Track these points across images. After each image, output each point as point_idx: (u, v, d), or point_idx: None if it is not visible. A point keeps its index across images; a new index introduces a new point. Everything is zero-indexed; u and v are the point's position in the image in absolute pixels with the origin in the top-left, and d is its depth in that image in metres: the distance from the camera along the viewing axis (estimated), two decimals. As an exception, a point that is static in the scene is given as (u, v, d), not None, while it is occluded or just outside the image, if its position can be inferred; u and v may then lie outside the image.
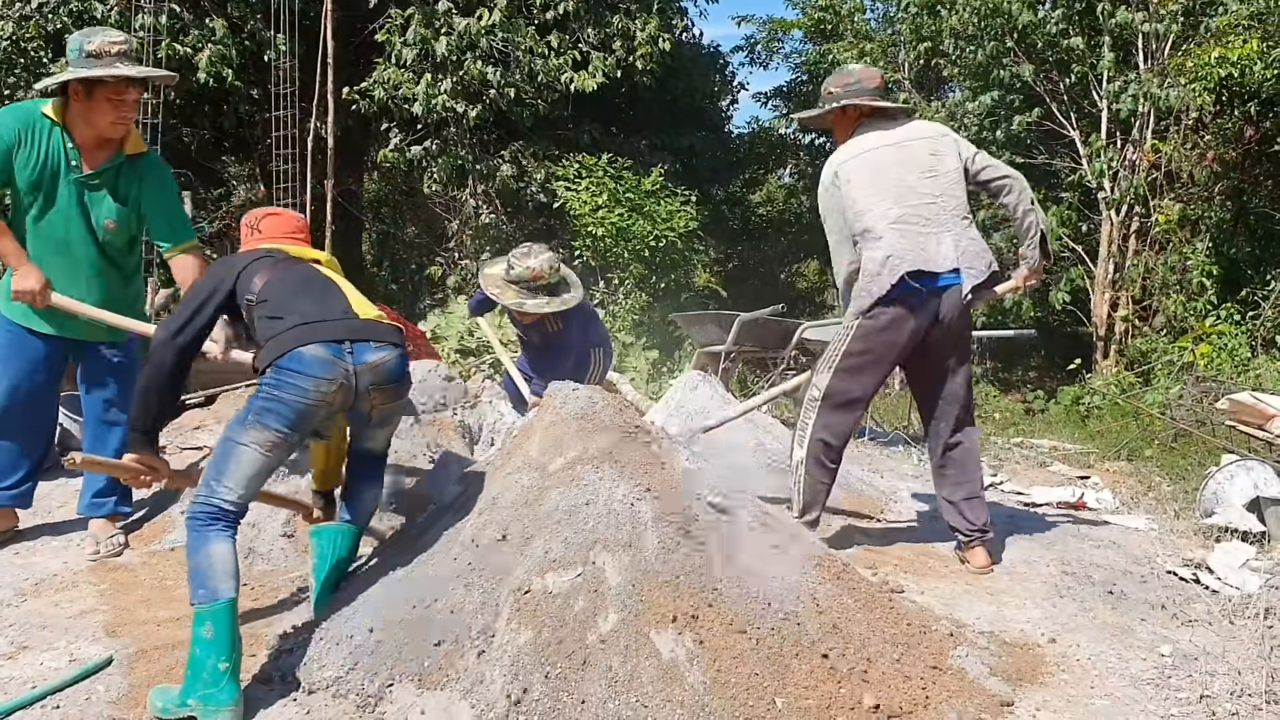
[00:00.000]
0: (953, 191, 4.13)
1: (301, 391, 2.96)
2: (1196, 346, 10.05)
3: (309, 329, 3.03)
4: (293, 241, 3.53)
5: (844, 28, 17.94)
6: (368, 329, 3.15)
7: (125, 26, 11.75)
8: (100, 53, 3.90)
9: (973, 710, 2.89)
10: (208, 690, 2.75)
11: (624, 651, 2.75)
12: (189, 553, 2.93)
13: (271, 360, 2.99)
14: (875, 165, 4.13)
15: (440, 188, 13.84)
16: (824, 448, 4.20)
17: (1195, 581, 4.19)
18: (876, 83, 4.33)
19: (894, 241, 4.00)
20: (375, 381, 3.12)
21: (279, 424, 2.97)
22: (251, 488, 3.03)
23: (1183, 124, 12.20)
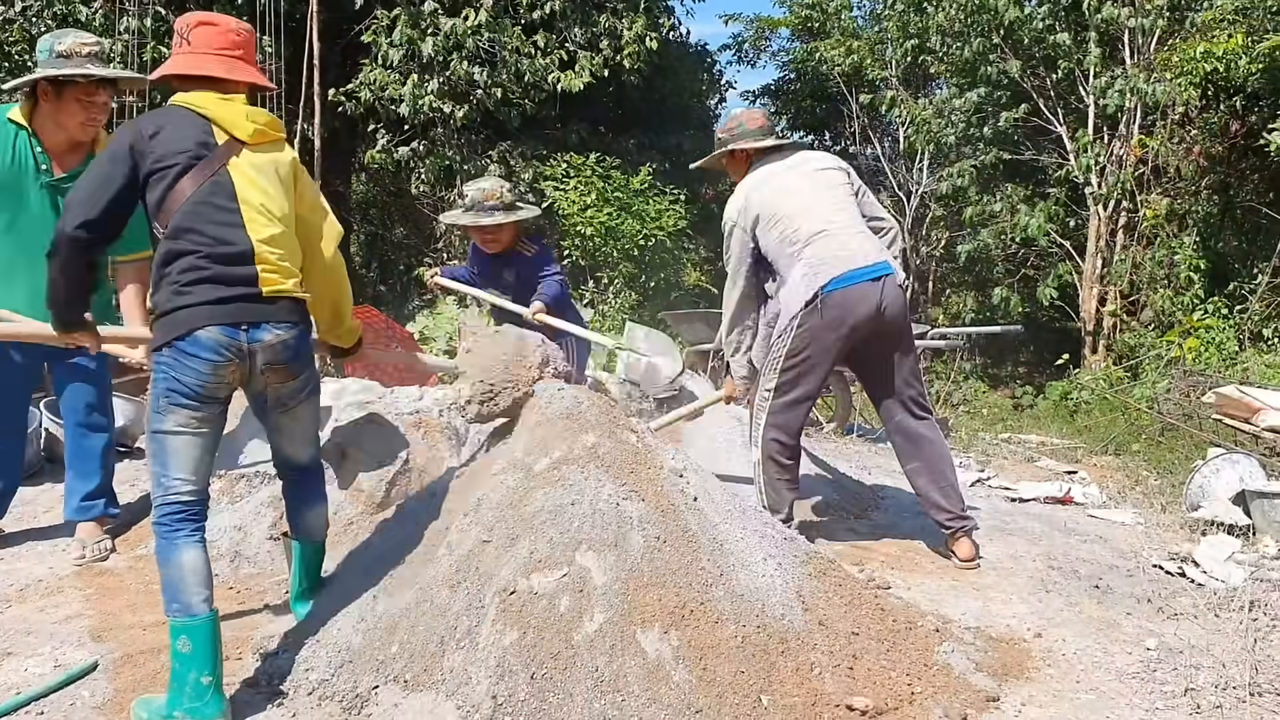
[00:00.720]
0: (846, 201, 4.34)
1: (198, 374, 2.86)
2: (1184, 341, 10.08)
3: (207, 310, 2.87)
4: (225, 61, 3.10)
5: (831, 25, 17.94)
6: (267, 310, 2.98)
7: (110, 30, 11.72)
8: (70, 53, 3.89)
9: (959, 706, 2.89)
10: (193, 704, 2.71)
11: (609, 651, 2.75)
12: (160, 563, 2.88)
13: (169, 339, 2.87)
14: (778, 188, 4.31)
15: (428, 188, 13.82)
16: (778, 446, 4.28)
17: (1181, 575, 4.20)
18: (760, 123, 4.53)
19: (813, 253, 4.14)
20: (270, 361, 3.00)
21: (189, 401, 2.87)
22: (201, 469, 2.94)
23: (1169, 119, 12.24)
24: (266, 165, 3.09)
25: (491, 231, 5.30)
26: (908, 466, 4.34)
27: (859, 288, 4.07)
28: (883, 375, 4.32)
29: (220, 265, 2.91)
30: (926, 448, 4.29)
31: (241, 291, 2.93)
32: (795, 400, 4.25)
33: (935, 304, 16.46)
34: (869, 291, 4.08)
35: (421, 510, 3.59)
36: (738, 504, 3.49)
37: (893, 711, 2.82)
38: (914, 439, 4.31)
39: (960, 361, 12.72)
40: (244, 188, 3.00)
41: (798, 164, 4.40)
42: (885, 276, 4.13)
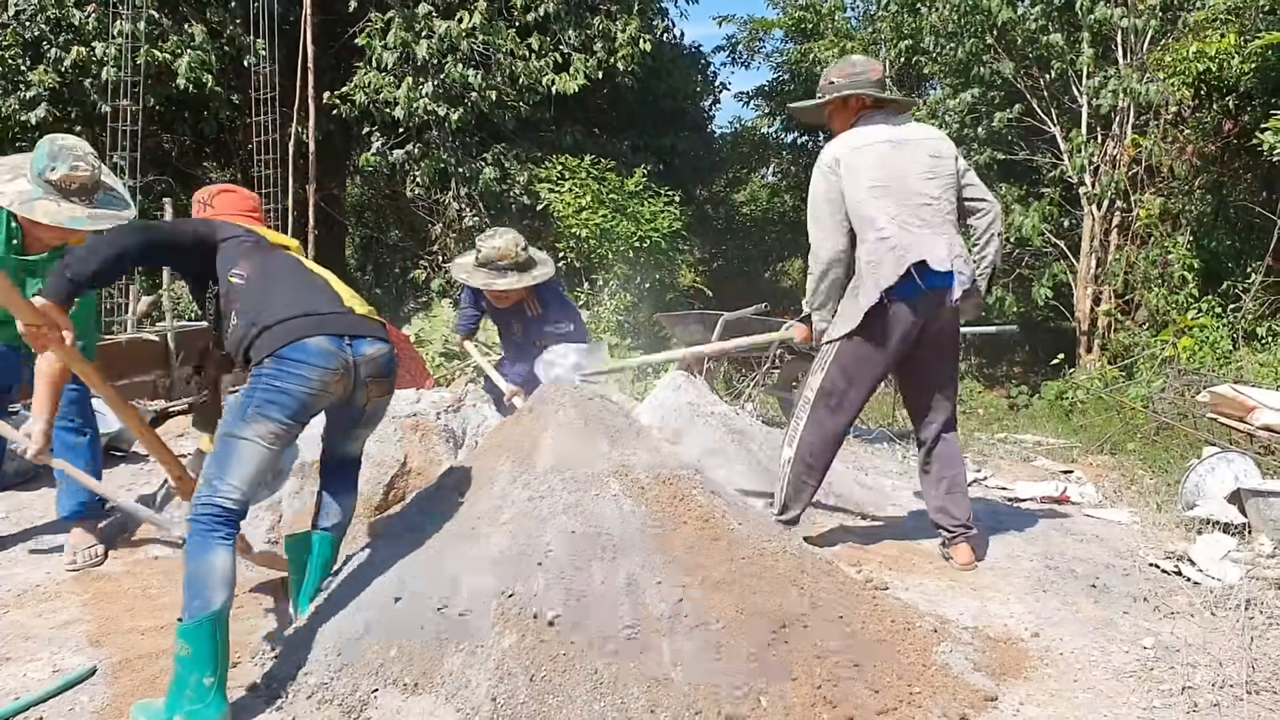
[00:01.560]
0: (948, 195, 4.11)
1: (306, 381, 2.94)
2: (1178, 340, 10.10)
3: (312, 321, 3.02)
4: (249, 220, 3.45)
5: (825, 26, 17.99)
6: (363, 325, 3.16)
7: (104, 33, 11.72)
8: (61, 185, 3.82)
9: (957, 705, 2.90)
10: (194, 706, 2.70)
11: (609, 653, 2.76)
12: (189, 557, 2.87)
13: (273, 350, 2.94)
14: (878, 159, 4.06)
15: (423, 191, 13.82)
16: (813, 449, 4.19)
17: (1177, 574, 4.21)
18: (879, 74, 4.27)
19: (898, 234, 3.95)
20: (372, 374, 3.15)
21: (282, 415, 2.93)
22: (254, 485, 2.97)
23: (1162, 118, 12.27)
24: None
25: (504, 298, 5.21)
26: (928, 471, 4.31)
27: (922, 293, 3.95)
28: (924, 381, 4.25)
29: (307, 292, 3.17)
30: (945, 454, 4.27)
31: (336, 309, 3.15)
32: (841, 404, 4.14)
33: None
34: (928, 299, 3.97)
35: (419, 513, 3.59)
36: (736, 504, 3.50)
37: (891, 712, 2.83)
38: (941, 448, 4.28)
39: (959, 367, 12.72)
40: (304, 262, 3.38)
41: (902, 139, 4.12)
42: (947, 289, 3.99)
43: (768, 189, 23.02)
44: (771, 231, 21.78)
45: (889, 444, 7.34)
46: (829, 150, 4.15)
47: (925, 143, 4.15)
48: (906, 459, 6.61)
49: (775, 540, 3.37)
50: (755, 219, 22.35)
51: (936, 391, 4.25)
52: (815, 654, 2.92)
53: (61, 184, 3.82)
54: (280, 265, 3.25)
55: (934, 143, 4.17)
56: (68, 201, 3.82)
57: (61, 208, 3.80)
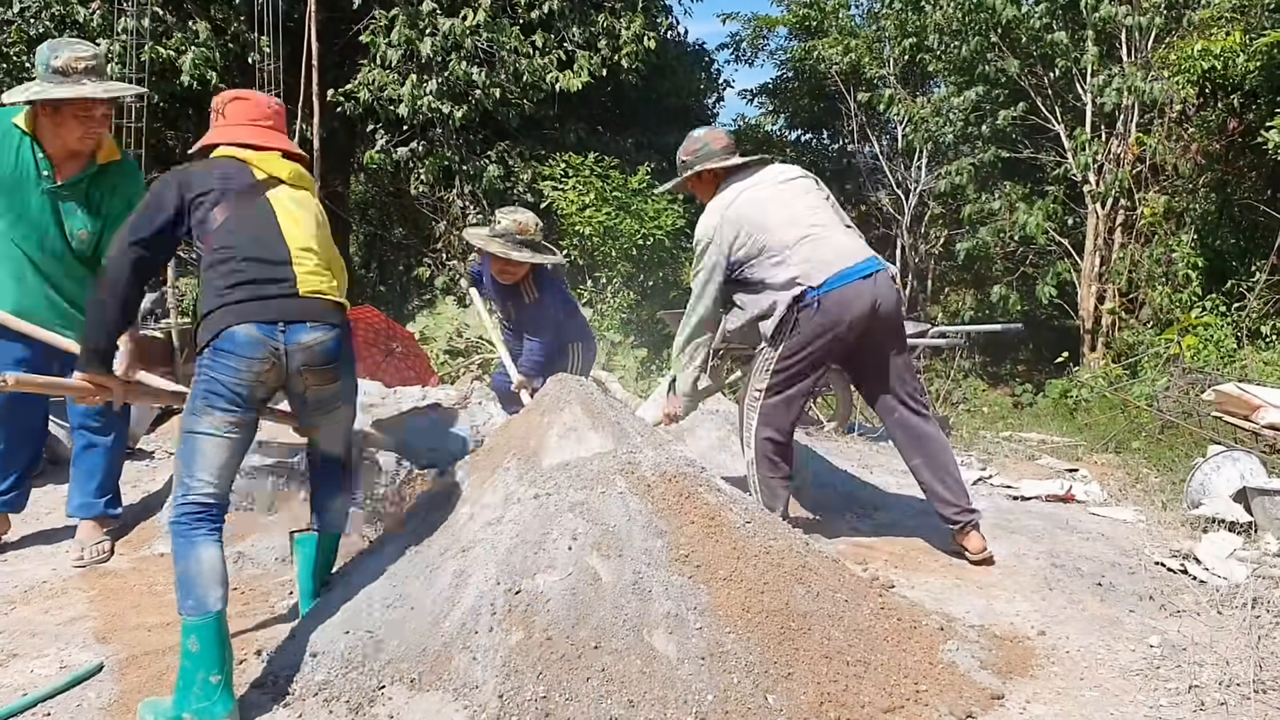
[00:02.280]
0: (823, 204, 4.34)
1: (235, 372, 2.92)
2: (1183, 338, 10.08)
3: (243, 308, 2.96)
4: (258, 131, 3.32)
5: (829, 24, 17.95)
6: (304, 309, 3.05)
7: (108, 30, 11.71)
8: (66, 69, 3.87)
9: (964, 703, 2.90)
10: (201, 704, 2.72)
11: (616, 651, 2.76)
12: (176, 559, 2.89)
13: (208, 341, 2.96)
14: (753, 201, 4.27)
15: (427, 189, 13.82)
16: (771, 445, 4.29)
17: (1183, 572, 4.21)
18: (724, 143, 4.49)
19: (799, 257, 4.12)
20: (307, 362, 3.05)
21: (225, 404, 2.93)
22: (227, 473, 2.98)
23: (1166, 117, 12.24)
24: (303, 199, 3.27)
25: (512, 264, 5.24)
26: (911, 462, 4.35)
27: (854, 285, 4.08)
28: (878, 372, 4.33)
29: (259, 267, 3.03)
30: (927, 443, 4.30)
31: (279, 290, 3.03)
32: (788, 399, 4.26)
33: (934, 302, 16.48)
34: (863, 289, 4.10)
35: (426, 511, 3.59)
36: (741, 501, 3.50)
37: (898, 710, 2.83)
38: (914, 434, 4.32)
39: (960, 360, 12.74)
40: (282, 211, 3.16)
41: (766, 178, 4.37)
42: (877, 272, 4.15)
43: (771, 187, 22.98)
44: (775, 229, 21.71)
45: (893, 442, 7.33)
46: (705, 221, 4.37)
47: (782, 171, 4.43)
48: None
49: (781, 538, 3.37)
50: (759, 217, 22.30)
51: (892, 377, 4.31)
52: (822, 652, 2.93)
53: (69, 68, 3.88)
54: (244, 227, 3.09)
55: (792, 171, 4.44)
56: (79, 85, 3.88)
57: (75, 88, 3.87)
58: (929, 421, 4.36)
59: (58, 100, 3.89)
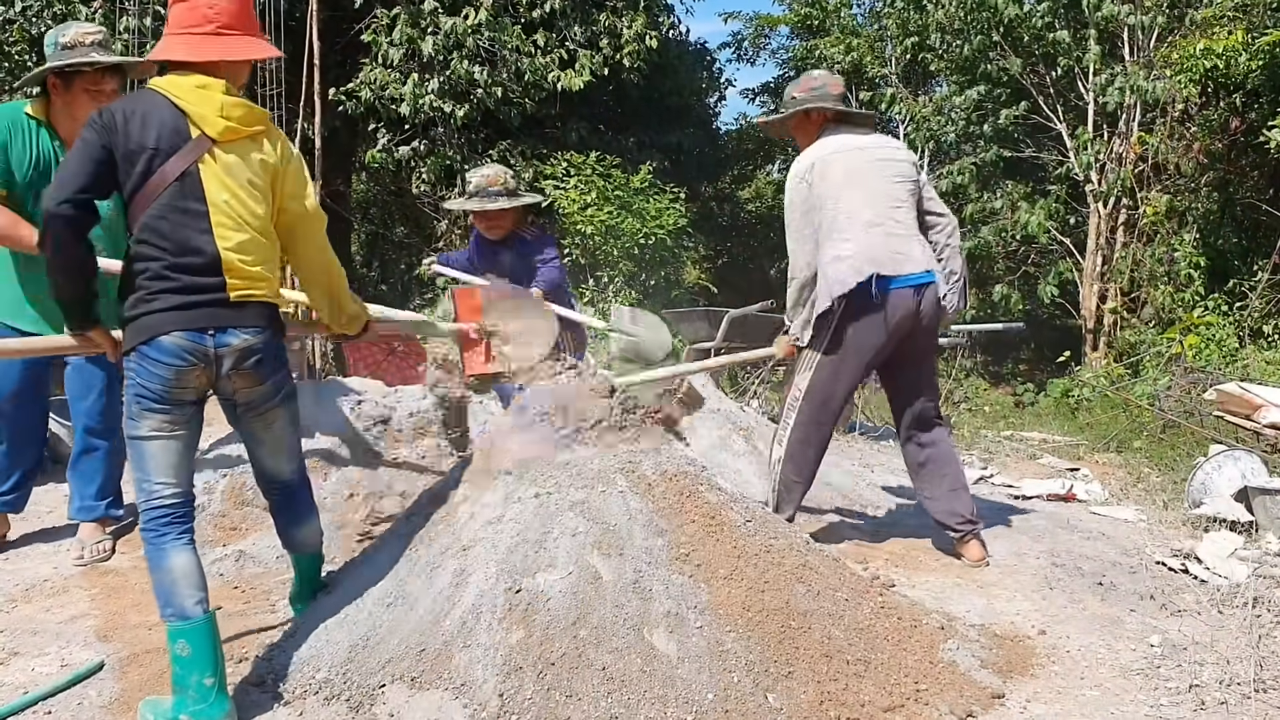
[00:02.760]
0: (910, 200, 4.25)
1: (162, 380, 2.80)
2: (1184, 338, 10.08)
3: (171, 316, 2.80)
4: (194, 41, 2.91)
5: (830, 23, 17.95)
6: (234, 315, 2.89)
7: (110, 29, 11.72)
8: (74, 44, 3.95)
9: (964, 703, 2.90)
10: (197, 706, 2.72)
11: (616, 650, 2.76)
12: (150, 568, 2.85)
13: (134, 344, 2.82)
14: (848, 166, 4.18)
15: (429, 188, 13.80)
16: (803, 448, 4.27)
17: (1184, 572, 4.21)
18: (840, 89, 4.41)
19: (863, 242, 4.05)
20: (235, 365, 2.90)
21: (159, 406, 2.82)
22: (182, 471, 2.90)
23: (1169, 116, 12.23)
24: (238, 165, 2.92)
25: (495, 217, 5.41)
26: (919, 470, 4.34)
27: (905, 292, 4.06)
28: (907, 382, 4.33)
29: (187, 275, 2.83)
30: (938, 452, 4.31)
31: (208, 298, 2.85)
32: (828, 400, 4.21)
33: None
34: (914, 297, 4.08)
35: (425, 510, 3.59)
36: (742, 500, 3.50)
37: (899, 709, 2.83)
38: (928, 445, 4.33)
39: (961, 359, 12.72)
40: (214, 190, 2.87)
41: (870, 146, 4.25)
42: (929, 285, 4.13)
43: (773, 186, 22.94)
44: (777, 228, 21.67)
45: (894, 441, 7.33)
46: (802, 159, 4.27)
47: (890, 150, 4.31)
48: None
49: (782, 538, 3.37)
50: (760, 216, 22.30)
51: (919, 391, 4.33)
52: (822, 651, 2.93)
53: (76, 42, 3.94)
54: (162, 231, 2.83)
55: (897, 150, 4.34)
56: (89, 55, 3.94)
57: (85, 57, 3.93)
58: (941, 432, 4.36)
59: (69, 69, 3.93)
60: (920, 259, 4.11)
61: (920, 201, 4.30)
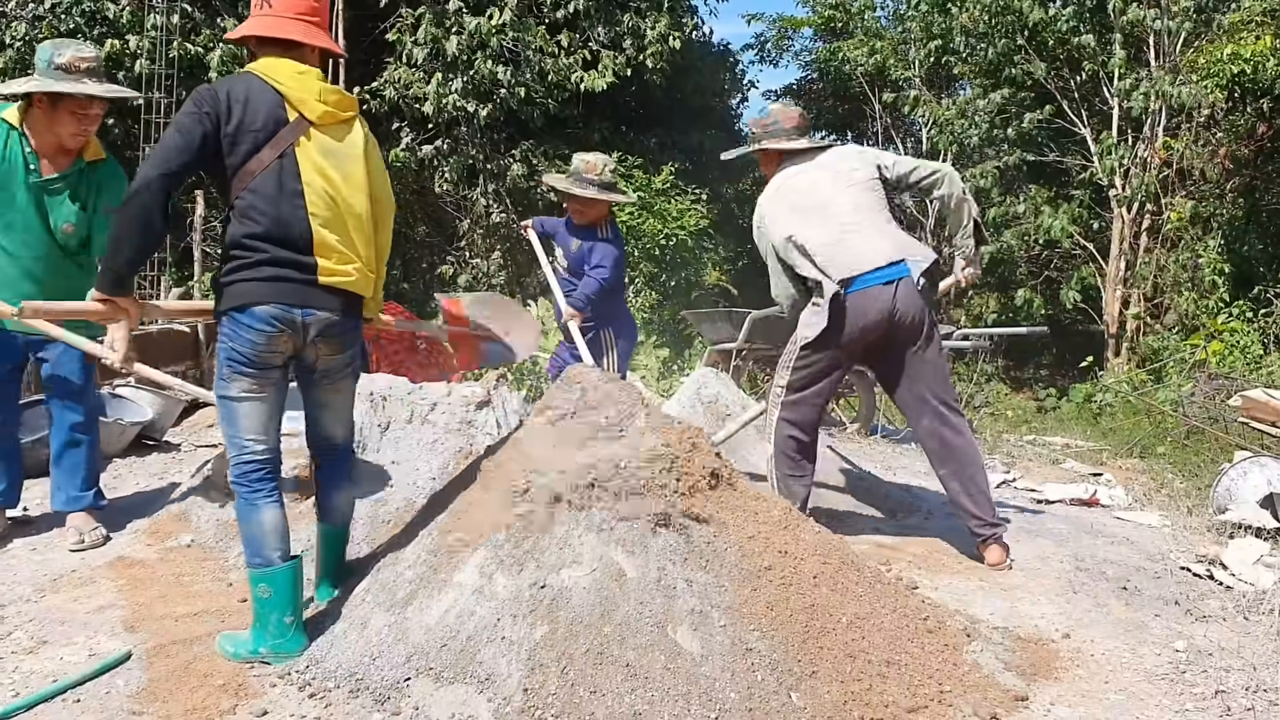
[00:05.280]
0: (869, 197, 4.27)
1: (252, 344, 3.02)
2: (1209, 344, 10.03)
3: (266, 288, 3.02)
4: (301, 25, 3.13)
5: (854, 25, 17.91)
6: (321, 298, 3.10)
7: (137, 26, 11.82)
8: (69, 67, 3.95)
9: (988, 705, 2.89)
10: (276, 641, 3.04)
11: (640, 647, 2.76)
12: (240, 520, 3.13)
13: (228, 309, 3.04)
14: (794, 192, 4.29)
15: (451, 187, 13.86)
16: (792, 442, 4.29)
17: (1209, 578, 4.19)
18: (795, 122, 4.48)
19: (823, 258, 4.10)
20: (321, 333, 3.13)
21: (248, 368, 3.05)
22: (271, 429, 3.16)
23: (1194, 121, 12.18)
24: (335, 148, 3.13)
25: (582, 203, 5.50)
26: (939, 471, 4.31)
27: (870, 291, 4.06)
28: (903, 379, 4.28)
29: (283, 249, 3.04)
30: (956, 452, 4.25)
31: (300, 276, 3.07)
32: (807, 397, 4.26)
33: (957, 305, 16.41)
34: (881, 295, 4.06)
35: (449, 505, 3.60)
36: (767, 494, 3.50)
37: (923, 710, 2.82)
38: (943, 443, 4.26)
39: (983, 364, 12.69)
40: (309, 172, 3.06)
41: (815, 164, 4.36)
42: (899, 280, 4.09)
43: (794, 188, 22.94)
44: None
45: (917, 444, 7.32)
46: (758, 206, 4.41)
47: (836, 161, 4.38)
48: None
49: (806, 538, 3.36)
50: (781, 218, 22.29)
51: (922, 384, 4.26)
52: (846, 651, 2.92)
53: (71, 66, 3.94)
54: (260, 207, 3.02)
55: (843, 158, 4.40)
56: (80, 83, 3.96)
57: (75, 85, 3.94)
58: (961, 430, 4.29)
59: (59, 94, 3.96)
60: (885, 251, 4.12)
61: (902, 181, 4.33)
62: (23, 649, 3.23)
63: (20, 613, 3.52)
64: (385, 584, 3.23)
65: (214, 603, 3.64)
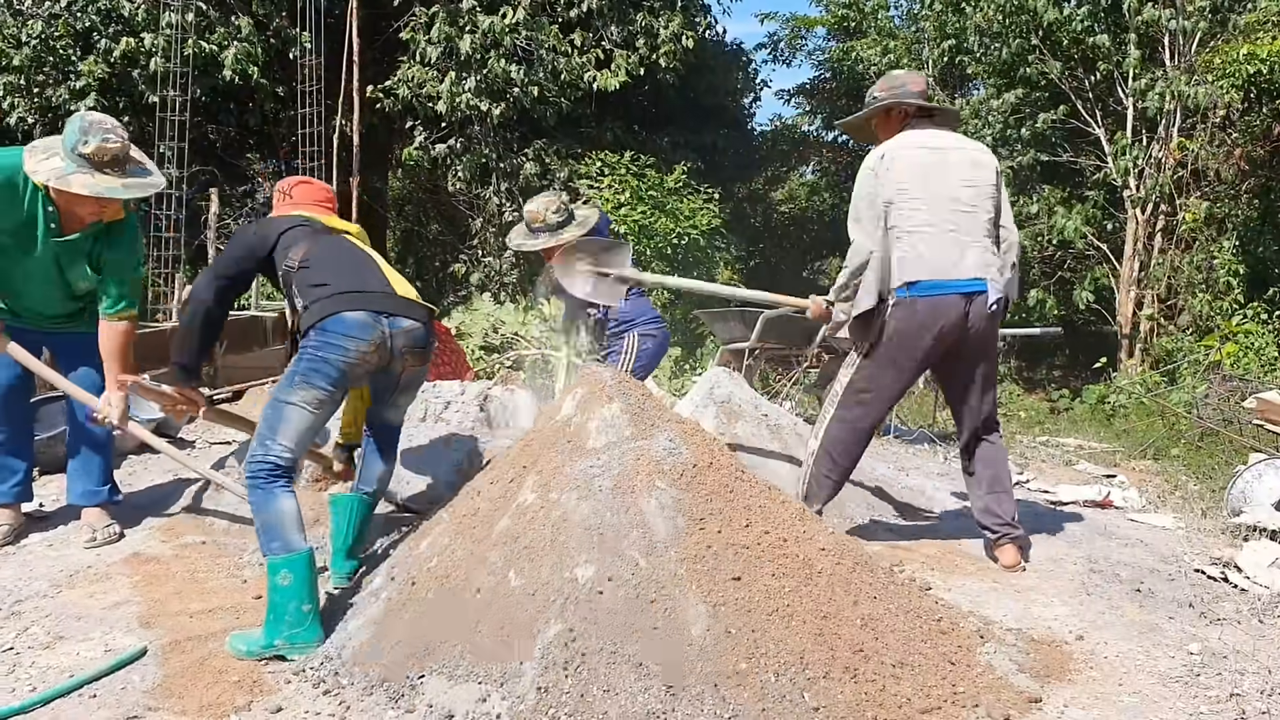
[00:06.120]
0: (985, 205, 4.13)
1: (343, 351, 3.22)
2: (1223, 346, 9.98)
3: (353, 296, 3.32)
4: (322, 209, 3.83)
5: (867, 25, 17.90)
6: (403, 305, 3.44)
7: (153, 24, 11.86)
8: (94, 158, 3.87)
9: (1001, 706, 2.89)
10: (293, 631, 3.08)
11: (653, 645, 2.77)
12: (256, 510, 3.22)
13: (315, 322, 3.26)
14: (919, 163, 4.10)
15: (464, 185, 13.89)
16: (838, 443, 4.24)
17: (1224, 580, 4.17)
18: (921, 86, 4.34)
19: (915, 245, 4.00)
20: (407, 345, 3.40)
21: (324, 382, 3.23)
22: (303, 442, 3.29)
23: (1210, 121, 12.12)
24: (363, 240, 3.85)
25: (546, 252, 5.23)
26: (970, 472, 4.33)
27: (951, 299, 3.99)
28: (964, 390, 4.27)
29: (354, 274, 3.47)
30: (989, 454, 4.28)
31: (379, 287, 3.46)
32: (868, 401, 4.18)
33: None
34: (958, 305, 4.00)
35: (464, 502, 3.61)
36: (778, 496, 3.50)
37: (936, 711, 2.82)
38: (982, 449, 4.30)
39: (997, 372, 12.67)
40: (357, 244, 3.73)
41: (946, 147, 4.18)
42: (979, 294, 4.02)
43: (806, 187, 22.94)
44: (810, 230, 21.73)
45: (930, 445, 7.31)
46: (874, 151, 4.21)
47: (966, 151, 4.21)
48: (948, 460, 6.59)
49: (819, 539, 3.36)
50: (793, 217, 22.29)
51: (973, 396, 4.27)
52: (859, 652, 2.92)
53: (95, 156, 3.89)
54: (332, 248, 3.57)
55: (975, 153, 4.23)
56: (101, 174, 3.90)
57: (96, 179, 3.88)
58: (996, 439, 4.34)
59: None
60: (972, 265, 4.02)
61: (995, 212, 4.21)
62: (39, 644, 3.25)
63: (37, 608, 3.54)
64: (401, 581, 3.25)
65: (228, 599, 3.65)
